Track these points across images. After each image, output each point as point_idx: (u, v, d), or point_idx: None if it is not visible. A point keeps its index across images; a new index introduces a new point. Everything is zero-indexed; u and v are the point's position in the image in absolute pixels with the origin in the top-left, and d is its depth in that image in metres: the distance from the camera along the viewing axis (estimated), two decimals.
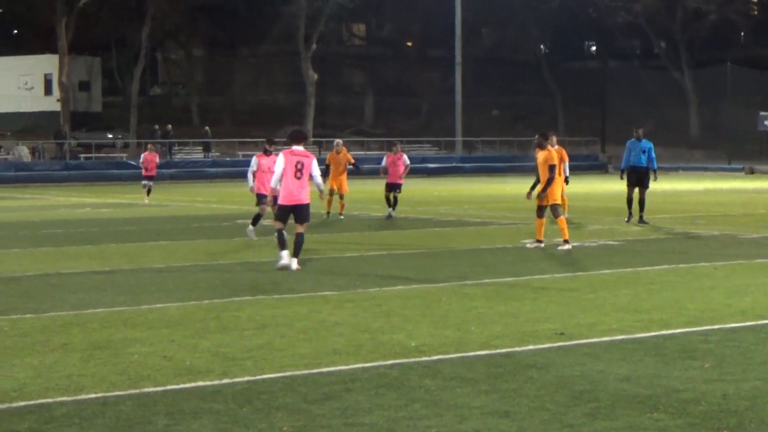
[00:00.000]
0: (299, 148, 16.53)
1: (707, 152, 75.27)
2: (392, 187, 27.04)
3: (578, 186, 41.85)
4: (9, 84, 77.32)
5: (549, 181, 19.47)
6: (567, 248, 19.08)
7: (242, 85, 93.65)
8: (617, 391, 8.35)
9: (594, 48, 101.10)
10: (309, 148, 69.31)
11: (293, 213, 16.46)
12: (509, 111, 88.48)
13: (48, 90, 77.67)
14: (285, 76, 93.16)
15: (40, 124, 72.65)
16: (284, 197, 16.34)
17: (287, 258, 16.16)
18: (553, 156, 19.71)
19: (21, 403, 8.12)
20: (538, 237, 19.74)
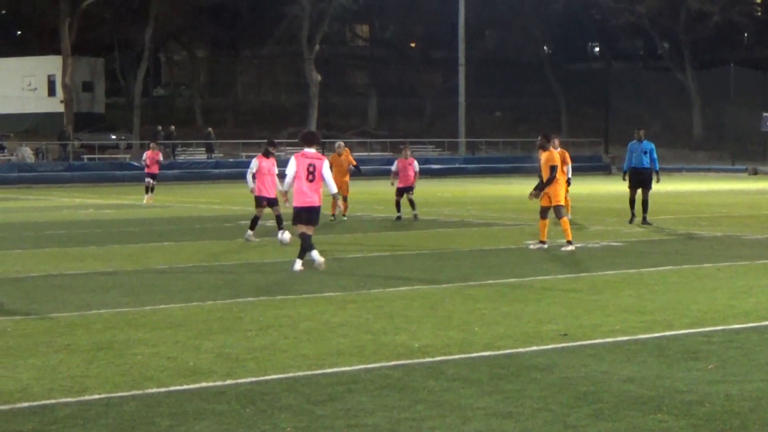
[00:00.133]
0: (311, 151, 16.48)
1: (710, 153, 75.23)
2: (403, 191, 27.12)
3: (581, 187, 41.80)
4: (12, 85, 77.37)
5: (549, 181, 19.56)
6: (570, 249, 19.10)
7: (245, 86, 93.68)
8: (621, 392, 8.35)
9: (597, 49, 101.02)
10: None
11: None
12: (512, 112, 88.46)
13: (51, 91, 77.70)
14: (288, 77, 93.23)
15: (44, 125, 72.67)
16: (298, 200, 16.29)
17: (318, 256, 16.11)
18: (555, 157, 19.78)
19: (24, 404, 8.13)
20: (542, 238, 19.77)
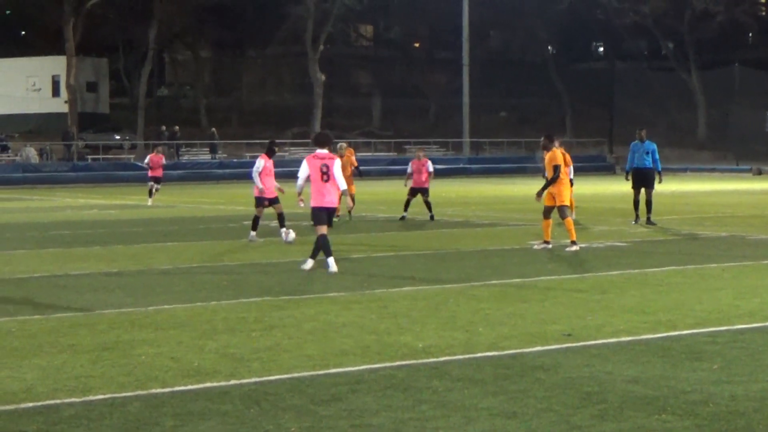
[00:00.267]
0: (323, 151, 16.45)
1: (715, 153, 75.20)
2: (416, 192, 27.20)
3: (586, 187, 41.80)
4: (17, 85, 77.45)
5: (552, 180, 19.59)
6: (574, 249, 19.09)
7: (249, 87, 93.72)
8: (625, 393, 8.34)
9: (602, 49, 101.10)
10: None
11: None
12: (517, 112, 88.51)
13: (55, 91, 77.79)
14: (292, 78, 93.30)
15: (48, 126, 72.75)
16: (316, 200, 16.25)
17: (333, 265, 16.06)
18: (558, 156, 19.81)
19: (29, 404, 8.13)
20: (546, 238, 19.78)
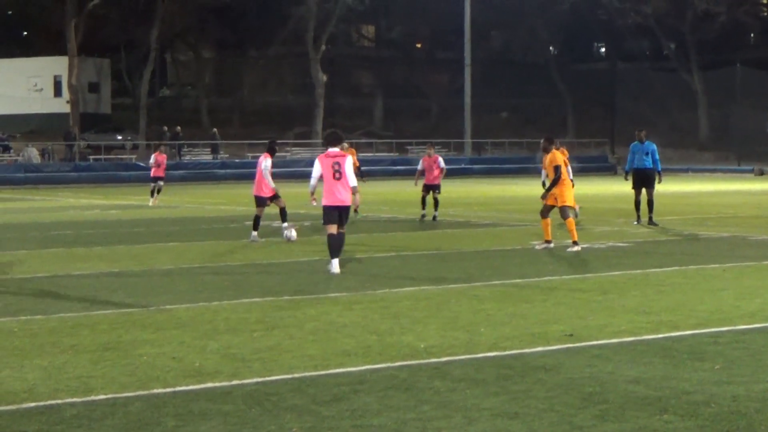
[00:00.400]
0: (335, 150, 16.39)
1: (716, 154, 75.17)
2: (430, 188, 27.33)
3: (587, 187, 41.79)
4: (19, 86, 77.50)
5: (555, 181, 19.65)
6: (576, 250, 19.09)
7: (251, 87, 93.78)
8: (627, 393, 8.34)
9: (603, 49, 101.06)
10: (318, 150, 69.41)
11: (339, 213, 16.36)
12: (518, 113, 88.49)
13: (57, 92, 77.83)
14: (294, 78, 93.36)
15: (50, 126, 72.80)
16: (328, 198, 16.20)
17: (337, 267, 16.00)
18: (557, 157, 19.87)
19: (31, 404, 8.13)
20: (546, 238, 19.78)
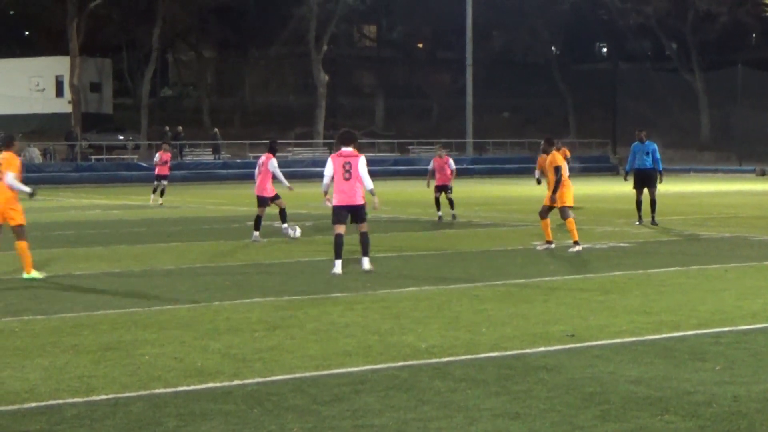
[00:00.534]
0: (348, 149, 16.28)
1: (718, 154, 75.18)
2: (442, 189, 27.34)
3: (589, 188, 41.78)
4: (20, 86, 77.53)
5: (557, 183, 19.63)
6: (577, 250, 19.09)
7: (253, 87, 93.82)
8: (628, 393, 8.34)
9: (605, 50, 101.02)
10: (320, 150, 69.39)
11: (350, 214, 16.33)
12: (520, 113, 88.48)
13: (59, 92, 77.86)
14: (295, 78, 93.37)
15: (51, 126, 72.83)
16: (338, 199, 16.17)
17: (339, 268, 15.95)
18: (557, 158, 19.85)
19: (32, 404, 8.13)
20: (547, 238, 19.78)
